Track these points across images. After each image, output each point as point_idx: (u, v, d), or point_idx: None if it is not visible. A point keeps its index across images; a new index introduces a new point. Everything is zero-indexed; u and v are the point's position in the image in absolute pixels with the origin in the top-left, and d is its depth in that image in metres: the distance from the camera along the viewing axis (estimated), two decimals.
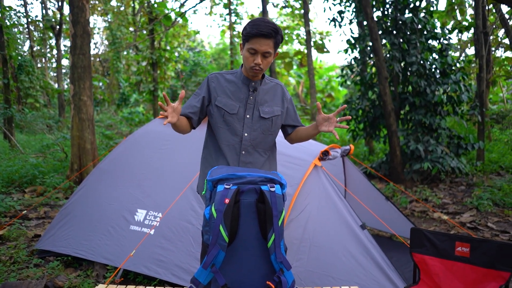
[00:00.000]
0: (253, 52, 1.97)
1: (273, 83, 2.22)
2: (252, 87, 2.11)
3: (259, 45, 1.95)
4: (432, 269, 2.15)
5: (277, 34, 1.98)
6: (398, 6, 7.70)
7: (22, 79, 14.73)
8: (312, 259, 2.79)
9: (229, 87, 2.13)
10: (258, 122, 2.12)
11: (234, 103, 2.11)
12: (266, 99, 2.16)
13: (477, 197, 5.83)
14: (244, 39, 2.01)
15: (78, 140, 6.05)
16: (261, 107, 2.13)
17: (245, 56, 2.02)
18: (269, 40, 1.96)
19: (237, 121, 2.10)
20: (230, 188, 1.67)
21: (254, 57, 1.98)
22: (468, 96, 7.30)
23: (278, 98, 2.20)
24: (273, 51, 2.02)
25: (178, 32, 15.75)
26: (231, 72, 2.21)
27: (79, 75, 5.96)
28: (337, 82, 18.63)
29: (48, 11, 16.81)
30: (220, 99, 2.11)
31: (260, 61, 1.98)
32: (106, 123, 14.10)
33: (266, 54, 1.99)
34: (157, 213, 3.31)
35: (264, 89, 2.16)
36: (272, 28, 1.95)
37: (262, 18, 2.01)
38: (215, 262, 1.64)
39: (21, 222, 4.67)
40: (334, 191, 3.07)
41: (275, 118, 2.17)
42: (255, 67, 2.00)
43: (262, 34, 1.93)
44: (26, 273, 3.23)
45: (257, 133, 2.12)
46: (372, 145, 10.18)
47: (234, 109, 2.09)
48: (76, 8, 5.92)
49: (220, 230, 1.61)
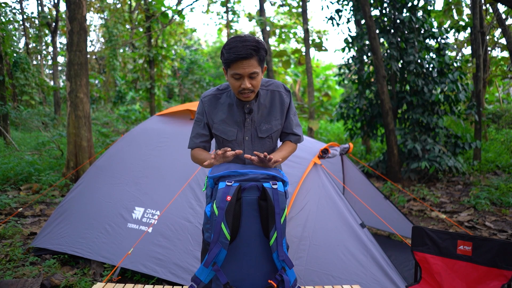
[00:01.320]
0: (237, 77, 1.80)
1: (269, 91, 2.02)
2: (247, 109, 1.95)
3: (242, 68, 1.77)
4: (434, 268, 2.14)
5: (259, 51, 1.79)
6: (396, 5, 7.69)
7: (17, 76, 14.61)
8: (311, 258, 2.77)
9: (224, 111, 1.99)
10: (257, 141, 2.00)
11: (231, 128, 1.98)
12: (263, 115, 2.00)
13: (474, 196, 5.84)
14: (225, 65, 1.84)
15: (75, 138, 6.00)
16: (259, 126, 1.99)
17: (231, 82, 1.85)
18: (251, 60, 1.78)
19: (236, 146, 1.98)
20: (232, 185, 1.65)
21: (240, 82, 1.81)
22: (465, 95, 7.31)
23: (276, 109, 2.02)
24: (259, 69, 1.84)
25: (175, 30, 15.68)
26: (224, 89, 2.03)
27: (76, 72, 5.91)
28: (334, 81, 18.65)
29: (44, 8, 16.68)
30: (216, 126, 1.99)
31: (248, 84, 1.80)
32: (103, 121, 14.03)
33: (252, 75, 1.81)
34: (155, 211, 3.28)
35: (261, 104, 1.99)
36: (250, 47, 1.76)
37: (238, 37, 1.81)
38: (217, 260, 1.62)
39: (17, 219, 4.63)
40: (334, 189, 3.05)
41: (275, 134, 2.04)
42: (245, 92, 1.83)
43: (242, 57, 1.75)
44: (22, 271, 3.19)
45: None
46: (369, 144, 10.19)
47: (233, 135, 1.98)
48: (73, 5, 5.87)
49: (222, 228, 1.59)
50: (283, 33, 14.87)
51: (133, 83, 13.56)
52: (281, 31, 14.81)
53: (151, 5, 10.69)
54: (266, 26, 11.95)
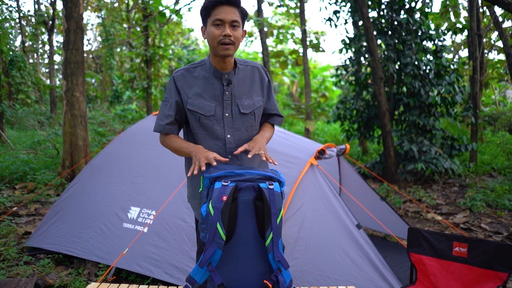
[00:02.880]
0: (219, 23, 1.72)
1: (249, 66, 1.94)
2: (226, 80, 1.84)
3: (225, 13, 1.72)
4: (429, 269, 2.14)
5: (240, 4, 1.77)
6: (393, 7, 7.71)
7: (13, 74, 14.52)
8: (307, 259, 2.77)
9: (199, 84, 1.85)
10: (239, 119, 1.87)
11: (208, 103, 1.84)
12: (243, 90, 1.89)
13: (470, 198, 5.85)
14: (206, 15, 1.76)
15: (70, 137, 5.97)
16: (240, 101, 1.87)
17: (211, 33, 1.74)
18: (234, 8, 1.74)
19: (216, 123, 1.85)
20: (228, 185, 1.64)
21: (221, 30, 1.73)
22: (462, 97, 7.33)
23: (256, 84, 1.93)
24: (241, 23, 1.77)
25: (172, 29, 15.65)
26: (198, 64, 1.91)
27: (72, 71, 5.88)
28: (331, 82, 18.67)
29: (40, 6, 16.60)
30: (191, 101, 1.84)
31: (229, 31, 1.72)
32: (99, 120, 13.97)
33: (234, 23, 1.74)
34: (150, 210, 3.27)
35: (240, 78, 1.89)
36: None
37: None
38: (212, 260, 1.61)
39: (11, 219, 4.60)
40: (330, 190, 3.05)
41: (258, 111, 1.93)
42: (225, 40, 1.73)
43: (227, 1, 1.71)
44: (16, 271, 3.17)
45: (241, 132, 1.88)
46: (365, 145, 10.20)
47: (211, 110, 1.83)
48: (69, 3, 5.84)
49: (218, 228, 1.58)
50: (281, 33, 14.87)
51: (130, 82, 13.51)
52: (278, 32, 14.82)
53: (149, 4, 10.66)
54: (263, 26, 11.94)
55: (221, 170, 1.71)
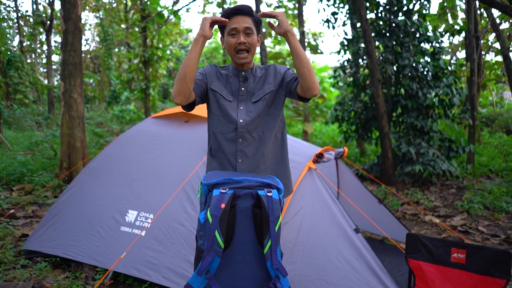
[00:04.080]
0: (234, 33, 1.94)
1: (265, 68, 2.13)
2: (243, 77, 2.05)
3: (237, 22, 1.93)
4: (428, 275, 2.14)
5: (254, 14, 1.98)
6: (391, 9, 7.72)
7: (11, 74, 14.49)
8: (305, 263, 2.77)
9: (222, 79, 2.09)
10: (251, 106, 2.04)
11: (228, 92, 2.06)
12: (258, 87, 2.07)
13: (467, 201, 5.86)
14: (223, 26, 2.00)
15: (68, 138, 5.95)
16: (253, 95, 2.05)
17: (228, 41, 1.97)
18: (247, 17, 1.95)
19: (231, 108, 2.03)
20: (226, 193, 1.63)
21: (236, 38, 1.94)
22: (459, 99, 7.35)
23: (270, 77, 2.09)
24: (255, 30, 1.97)
25: (170, 30, 15.63)
26: (224, 67, 2.16)
27: (70, 72, 5.87)
28: (329, 83, 18.67)
29: (38, 6, 16.56)
30: (216, 84, 2.06)
31: (244, 38, 1.94)
32: (97, 121, 13.94)
33: (248, 31, 1.95)
34: (148, 214, 3.26)
35: (256, 77, 2.08)
36: (249, 8, 1.95)
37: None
38: (210, 268, 1.60)
39: (8, 221, 4.58)
40: (328, 194, 3.05)
41: (268, 96, 2.04)
42: (240, 46, 1.95)
43: (239, 11, 1.93)
44: (13, 274, 3.15)
45: (252, 118, 2.01)
46: (363, 146, 10.21)
47: (229, 97, 2.04)
48: (67, 4, 5.82)
49: (216, 236, 1.58)
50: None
51: (128, 83, 13.49)
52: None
53: (147, 5, 10.65)
54: (262, 27, 11.92)
55: (219, 177, 1.70)
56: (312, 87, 1.84)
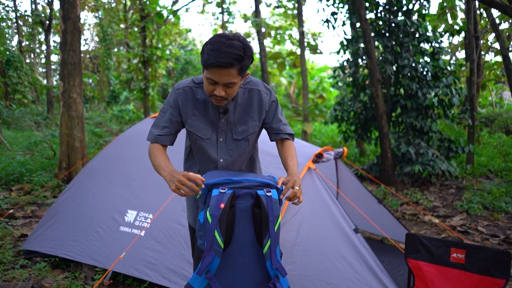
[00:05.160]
0: (212, 82, 1.67)
1: (248, 89, 1.89)
2: (222, 108, 1.84)
3: (219, 76, 1.64)
4: (427, 275, 2.14)
5: (243, 60, 1.64)
6: (391, 9, 7.72)
7: (10, 74, 14.47)
8: (305, 263, 2.77)
9: (199, 107, 1.86)
10: (232, 144, 1.90)
11: (205, 126, 1.86)
12: (240, 116, 1.88)
13: (467, 201, 5.86)
14: (202, 65, 1.69)
15: (67, 138, 5.95)
16: (234, 127, 1.88)
17: (205, 83, 1.72)
18: (231, 69, 1.63)
19: (210, 146, 1.89)
20: (226, 193, 1.63)
21: (214, 87, 1.69)
22: (459, 99, 7.35)
23: (254, 109, 1.90)
24: (239, 79, 1.70)
25: (170, 30, 15.63)
26: (199, 82, 1.89)
27: (69, 72, 5.86)
28: (328, 83, 18.68)
29: (37, 6, 16.54)
30: (190, 122, 1.86)
31: (222, 92, 1.68)
32: (96, 121, 13.93)
33: (229, 85, 1.68)
34: (147, 214, 3.26)
35: (237, 104, 1.88)
36: (234, 56, 1.59)
37: (224, 37, 1.63)
38: (210, 268, 1.60)
39: (8, 221, 4.57)
40: (328, 194, 3.05)
41: (251, 136, 1.93)
42: (217, 98, 1.72)
43: (221, 66, 1.60)
44: (12, 274, 3.15)
45: (233, 158, 1.92)
46: (363, 147, 10.21)
47: (207, 134, 1.86)
48: (67, 4, 5.81)
49: (215, 236, 1.57)
50: (279, 34, 14.88)
51: (127, 83, 13.48)
52: (276, 33, 14.82)
53: (146, 5, 10.64)
54: (261, 27, 11.93)
55: (219, 177, 1.70)
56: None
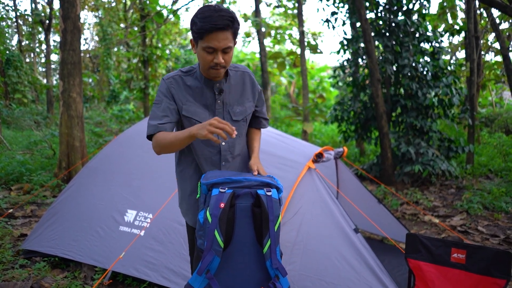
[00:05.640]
0: (211, 50, 1.69)
1: (239, 72, 1.94)
2: (217, 89, 1.84)
3: (217, 41, 1.67)
4: (427, 275, 2.14)
5: (234, 22, 1.69)
6: (391, 9, 7.72)
7: (10, 74, 14.47)
8: (305, 263, 2.76)
9: (192, 93, 1.85)
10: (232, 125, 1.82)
11: (202, 110, 1.85)
12: (235, 97, 1.90)
13: (467, 200, 5.86)
14: (196, 36, 1.70)
15: (67, 138, 5.94)
16: (231, 108, 1.88)
17: (202, 56, 1.73)
18: (227, 32, 1.68)
19: None
20: (226, 192, 1.63)
21: (213, 56, 1.71)
22: (459, 99, 7.34)
23: (248, 90, 1.95)
24: (233, 43, 1.74)
25: (169, 29, 15.62)
26: (188, 71, 1.89)
27: (69, 72, 5.85)
28: (328, 83, 18.67)
29: (37, 5, 16.54)
30: (186, 107, 1.84)
31: (222, 59, 1.71)
32: (96, 120, 13.92)
33: (226, 50, 1.71)
34: (147, 214, 3.25)
35: (231, 85, 1.90)
36: (227, 18, 1.66)
37: (211, 6, 1.69)
38: (210, 268, 1.59)
39: (7, 221, 4.56)
40: (328, 194, 3.04)
41: (248, 117, 1.97)
42: (217, 67, 1.73)
43: (218, 28, 1.64)
44: (12, 274, 3.15)
45: (233, 139, 1.89)
46: (363, 146, 10.21)
47: (205, 118, 1.83)
48: (66, 3, 5.81)
49: (215, 236, 1.57)
50: (279, 34, 14.87)
51: (127, 82, 13.48)
52: (276, 32, 14.81)
53: (146, 4, 10.63)
54: (261, 27, 11.93)
55: (218, 176, 1.70)
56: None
